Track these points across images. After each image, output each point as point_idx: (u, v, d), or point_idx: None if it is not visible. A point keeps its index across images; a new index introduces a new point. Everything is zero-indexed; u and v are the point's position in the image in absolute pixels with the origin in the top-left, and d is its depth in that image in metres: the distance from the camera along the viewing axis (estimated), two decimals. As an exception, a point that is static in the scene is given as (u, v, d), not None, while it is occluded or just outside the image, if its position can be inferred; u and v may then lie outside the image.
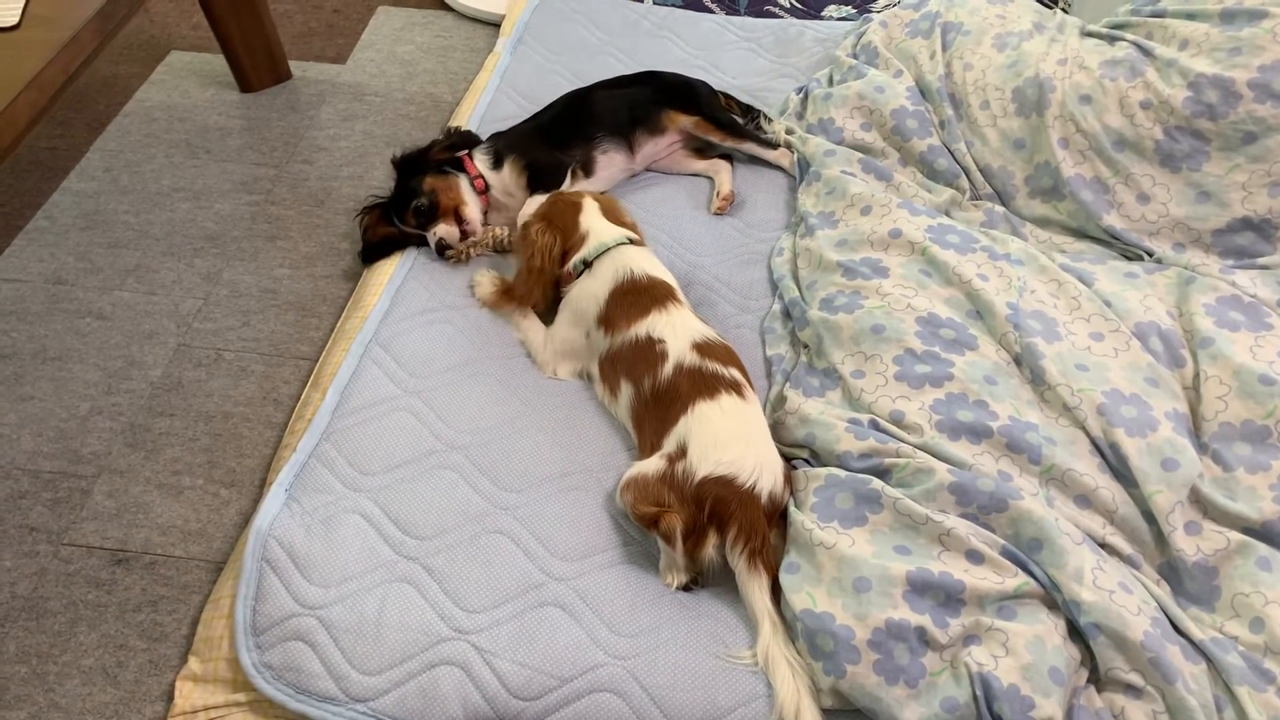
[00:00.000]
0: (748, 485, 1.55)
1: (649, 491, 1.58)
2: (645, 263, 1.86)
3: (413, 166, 2.16)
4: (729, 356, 1.74)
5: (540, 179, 2.16)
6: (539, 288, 1.93)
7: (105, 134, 2.75)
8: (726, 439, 1.59)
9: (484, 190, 2.17)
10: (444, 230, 2.09)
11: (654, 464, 1.61)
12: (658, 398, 1.70)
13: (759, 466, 1.57)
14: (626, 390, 1.76)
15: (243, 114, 2.84)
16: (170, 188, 2.58)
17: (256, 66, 2.88)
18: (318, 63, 3.05)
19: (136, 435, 2.00)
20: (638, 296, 1.80)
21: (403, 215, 2.13)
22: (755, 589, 1.52)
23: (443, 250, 2.10)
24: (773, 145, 2.35)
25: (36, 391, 2.08)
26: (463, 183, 2.15)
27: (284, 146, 2.72)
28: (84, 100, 2.88)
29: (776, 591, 1.54)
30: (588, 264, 1.89)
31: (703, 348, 1.72)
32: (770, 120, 2.41)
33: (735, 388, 1.67)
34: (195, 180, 2.61)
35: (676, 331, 1.74)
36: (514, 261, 2.06)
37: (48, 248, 2.41)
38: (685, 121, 2.32)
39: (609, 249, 1.88)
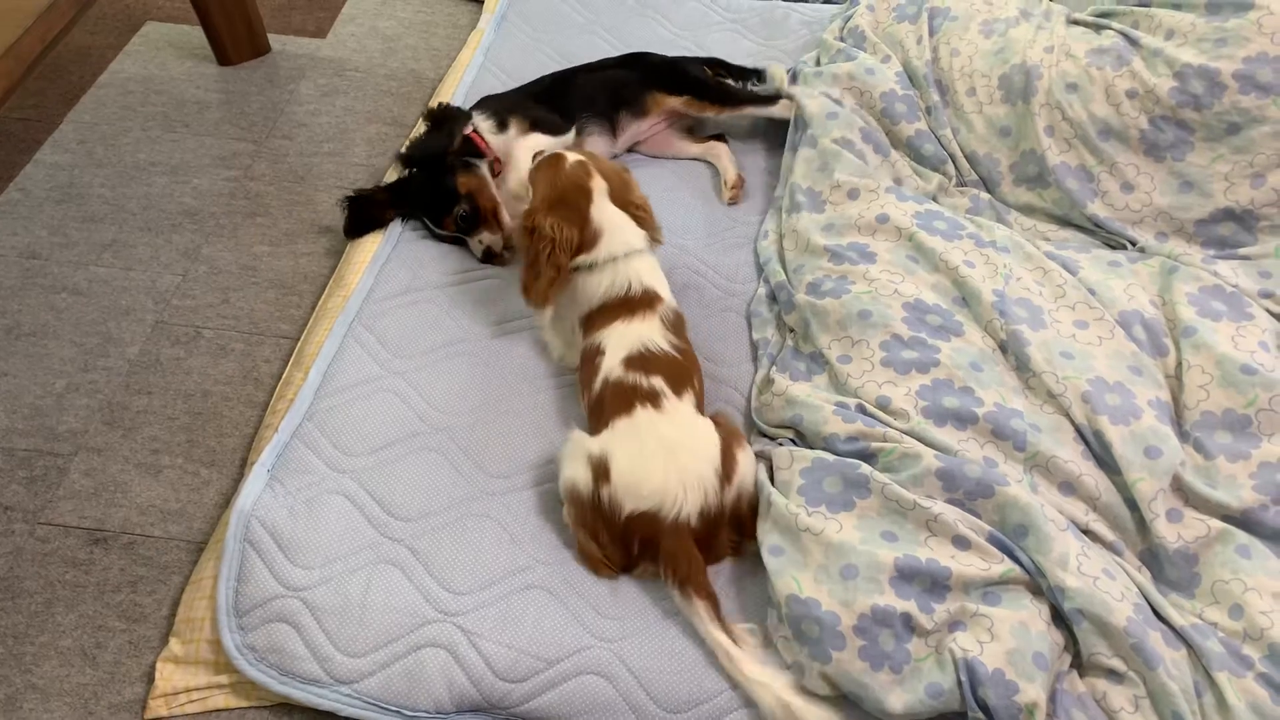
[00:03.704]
0: (672, 516, 1.51)
1: (586, 516, 1.58)
2: (647, 274, 1.78)
3: (433, 164, 2.07)
4: (666, 365, 1.66)
5: (543, 128, 2.12)
6: (560, 284, 1.77)
7: (79, 106, 2.70)
8: (644, 462, 1.54)
9: (499, 173, 2.12)
10: (490, 239, 2.06)
11: (584, 477, 1.57)
12: (592, 410, 1.69)
13: (682, 489, 1.52)
14: (583, 394, 1.75)
15: (220, 88, 2.79)
16: (147, 161, 2.54)
17: (235, 39, 2.83)
18: (297, 36, 3.00)
19: (114, 413, 1.97)
20: (619, 307, 1.74)
21: (440, 220, 2.07)
22: (696, 618, 1.50)
23: (490, 258, 2.07)
24: (771, 101, 2.33)
25: (10, 368, 2.04)
26: (489, 176, 2.08)
27: (263, 121, 2.68)
28: (57, 71, 2.82)
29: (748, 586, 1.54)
30: (593, 266, 1.78)
31: (634, 360, 1.66)
32: (763, 80, 2.41)
33: (651, 398, 1.61)
34: (172, 154, 2.56)
35: (618, 343, 1.69)
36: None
37: (21, 221, 2.36)
38: (674, 102, 2.30)
39: (617, 258, 1.78)
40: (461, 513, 1.66)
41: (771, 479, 1.64)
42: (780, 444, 1.70)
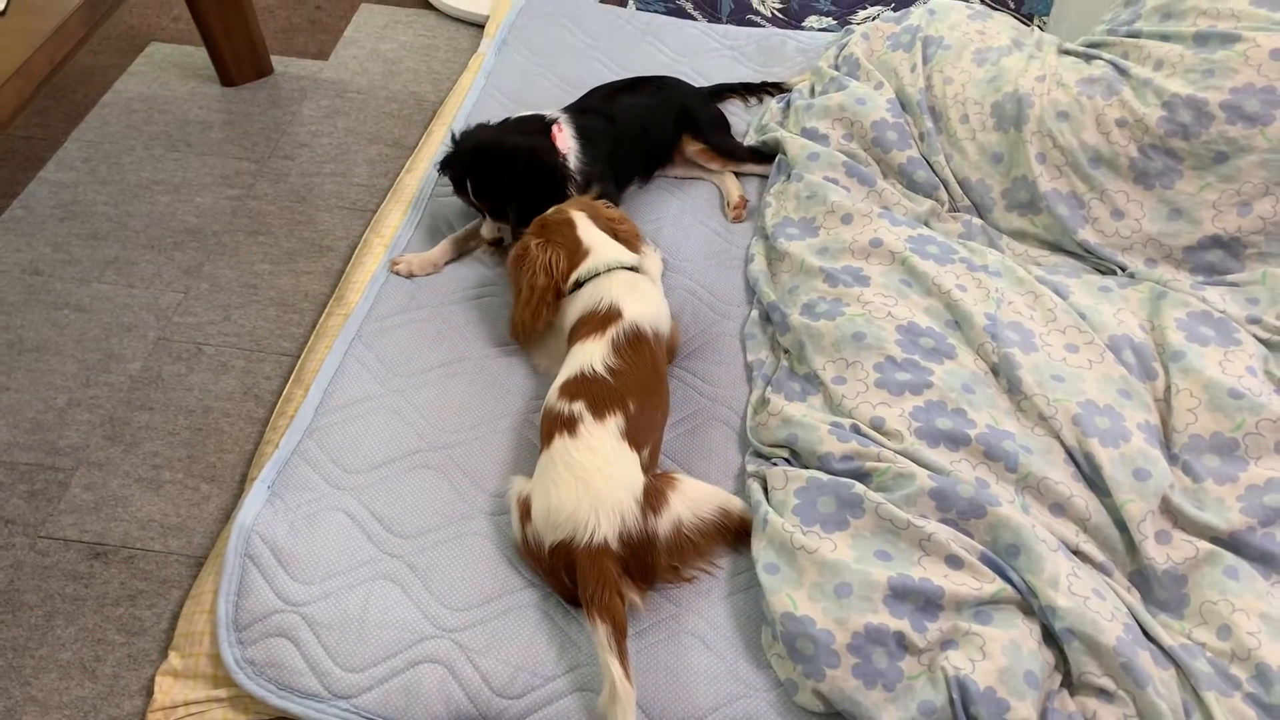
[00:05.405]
0: (585, 540, 1.50)
1: (528, 559, 1.62)
2: (620, 289, 1.80)
3: (537, 151, 2.02)
4: (594, 387, 1.65)
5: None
6: (543, 309, 1.82)
7: (84, 124, 2.73)
8: (559, 491, 1.54)
9: None
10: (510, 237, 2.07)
11: (515, 521, 1.63)
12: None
13: (594, 513, 1.50)
14: None
15: (224, 108, 2.82)
16: (150, 180, 2.57)
17: (238, 60, 2.87)
18: (300, 58, 3.04)
19: (115, 428, 1.99)
20: (589, 324, 1.76)
21: (502, 196, 2.01)
22: (597, 642, 1.44)
23: (496, 244, 2.09)
24: (770, 159, 2.38)
25: (12, 383, 2.06)
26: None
27: (265, 141, 2.71)
28: (62, 90, 2.85)
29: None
30: (579, 284, 1.83)
31: (569, 384, 1.66)
32: (784, 90, 2.58)
33: (568, 425, 1.60)
34: (175, 173, 2.59)
35: (567, 366, 1.71)
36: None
37: (24, 237, 2.38)
38: (692, 149, 2.36)
39: (599, 274, 1.82)
40: (460, 530, 1.68)
41: (767, 498, 1.66)
42: (775, 464, 1.73)
